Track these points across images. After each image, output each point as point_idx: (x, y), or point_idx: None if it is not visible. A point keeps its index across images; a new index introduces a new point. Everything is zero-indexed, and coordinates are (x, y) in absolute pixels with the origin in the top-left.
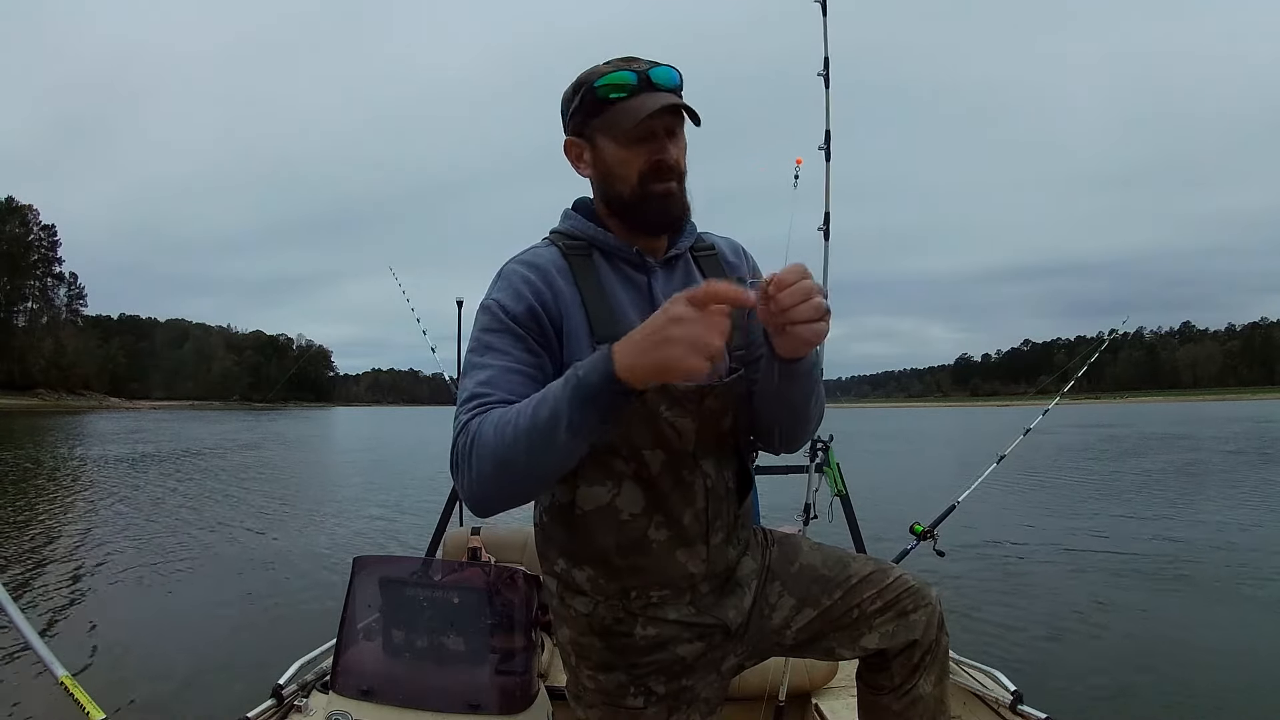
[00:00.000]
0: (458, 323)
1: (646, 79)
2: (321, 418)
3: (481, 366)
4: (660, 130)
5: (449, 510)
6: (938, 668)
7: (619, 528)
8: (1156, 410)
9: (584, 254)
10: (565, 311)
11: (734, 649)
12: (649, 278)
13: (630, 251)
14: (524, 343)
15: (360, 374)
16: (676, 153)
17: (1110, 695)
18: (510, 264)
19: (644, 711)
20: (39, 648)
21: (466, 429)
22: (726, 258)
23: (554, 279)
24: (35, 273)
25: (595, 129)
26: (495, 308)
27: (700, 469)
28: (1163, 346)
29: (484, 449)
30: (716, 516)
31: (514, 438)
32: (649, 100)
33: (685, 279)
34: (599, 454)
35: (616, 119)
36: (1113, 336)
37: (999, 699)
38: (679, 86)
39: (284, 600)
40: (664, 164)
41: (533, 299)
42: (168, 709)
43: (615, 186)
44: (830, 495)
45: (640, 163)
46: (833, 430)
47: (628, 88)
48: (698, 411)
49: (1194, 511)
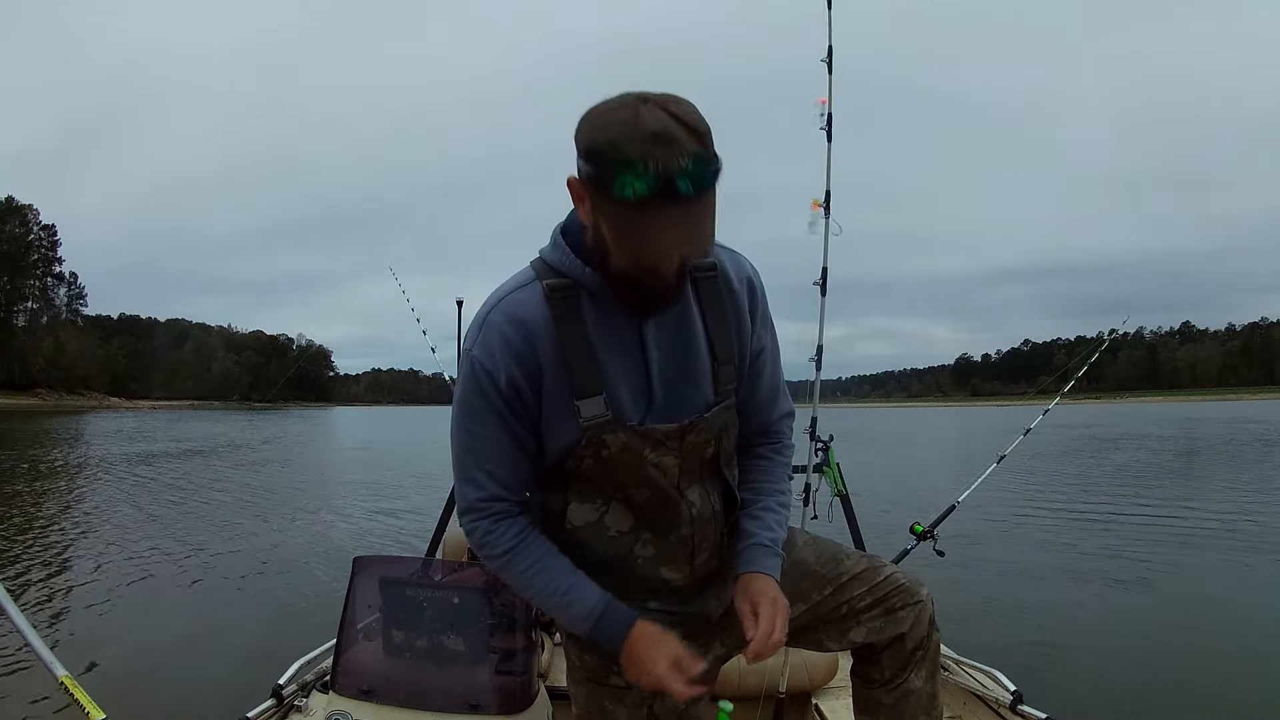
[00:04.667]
0: (458, 323)
1: (669, 185)
2: (321, 417)
3: (470, 434)
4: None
5: (449, 510)
6: (929, 664)
7: (606, 543)
8: (1157, 410)
9: (571, 298)
10: (545, 368)
11: (720, 637)
12: (639, 322)
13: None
14: (502, 418)
15: (360, 374)
16: (686, 253)
17: (1110, 695)
18: (494, 312)
19: (627, 691)
20: (39, 648)
21: (485, 542)
22: (730, 283)
23: (536, 336)
24: (35, 273)
25: (600, 202)
26: (478, 370)
27: (685, 498)
28: (1163, 346)
29: (505, 575)
30: (703, 539)
31: (529, 592)
32: (662, 220)
33: (681, 316)
34: (587, 479)
35: (623, 220)
36: (1113, 336)
37: (999, 699)
38: (709, 186)
39: (284, 600)
40: (658, 274)
41: (512, 365)
42: (168, 709)
43: (609, 255)
44: (830, 495)
45: (639, 256)
46: (833, 430)
47: (640, 192)
48: (680, 448)
49: (1194, 511)
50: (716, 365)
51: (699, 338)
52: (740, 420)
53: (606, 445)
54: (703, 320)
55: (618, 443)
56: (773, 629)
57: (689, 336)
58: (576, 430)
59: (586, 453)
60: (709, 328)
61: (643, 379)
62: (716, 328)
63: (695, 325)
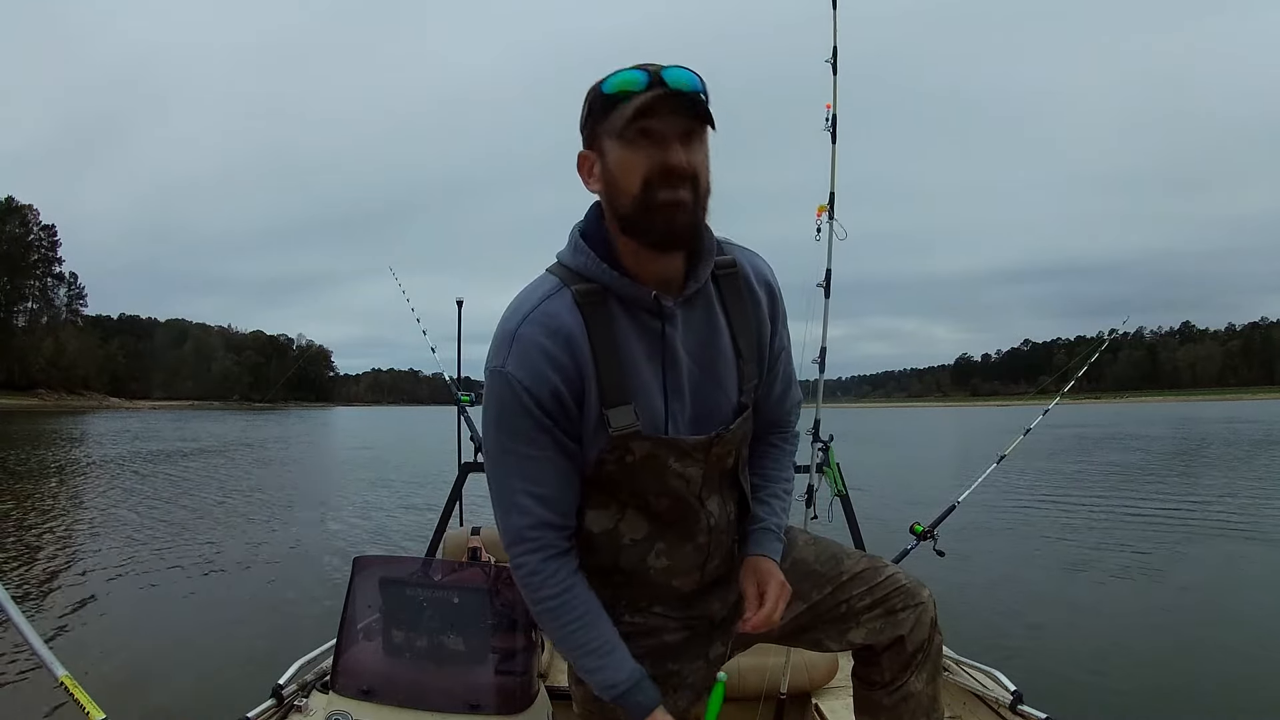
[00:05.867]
0: (458, 323)
1: (659, 78)
2: (321, 417)
3: (516, 456)
4: (671, 133)
5: (449, 510)
6: (930, 666)
7: (620, 551)
8: (1157, 410)
9: (599, 303)
10: (584, 376)
11: (721, 637)
12: (665, 324)
13: (648, 299)
14: (550, 434)
15: (360, 374)
16: (689, 158)
17: (1110, 695)
18: (526, 325)
19: None
20: (39, 648)
21: (533, 583)
22: (749, 281)
23: (575, 345)
24: (35, 273)
25: (602, 134)
26: (519, 388)
27: (705, 508)
28: (1163, 346)
29: (545, 619)
30: (716, 548)
31: (564, 643)
32: (657, 128)
33: (707, 315)
34: (605, 488)
35: (622, 116)
36: (1113, 336)
37: (999, 699)
38: (699, 91)
39: (284, 600)
40: (672, 168)
41: (555, 378)
42: (168, 709)
43: (619, 198)
44: (830, 495)
45: (645, 166)
46: (833, 430)
47: (637, 86)
48: (705, 459)
49: (1195, 511)
50: (741, 362)
51: (724, 336)
52: (755, 415)
53: (632, 452)
54: (725, 316)
55: (643, 450)
56: (775, 610)
57: (715, 336)
58: (606, 439)
59: (610, 459)
60: (732, 324)
61: (673, 384)
62: (739, 323)
63: (720, 323)
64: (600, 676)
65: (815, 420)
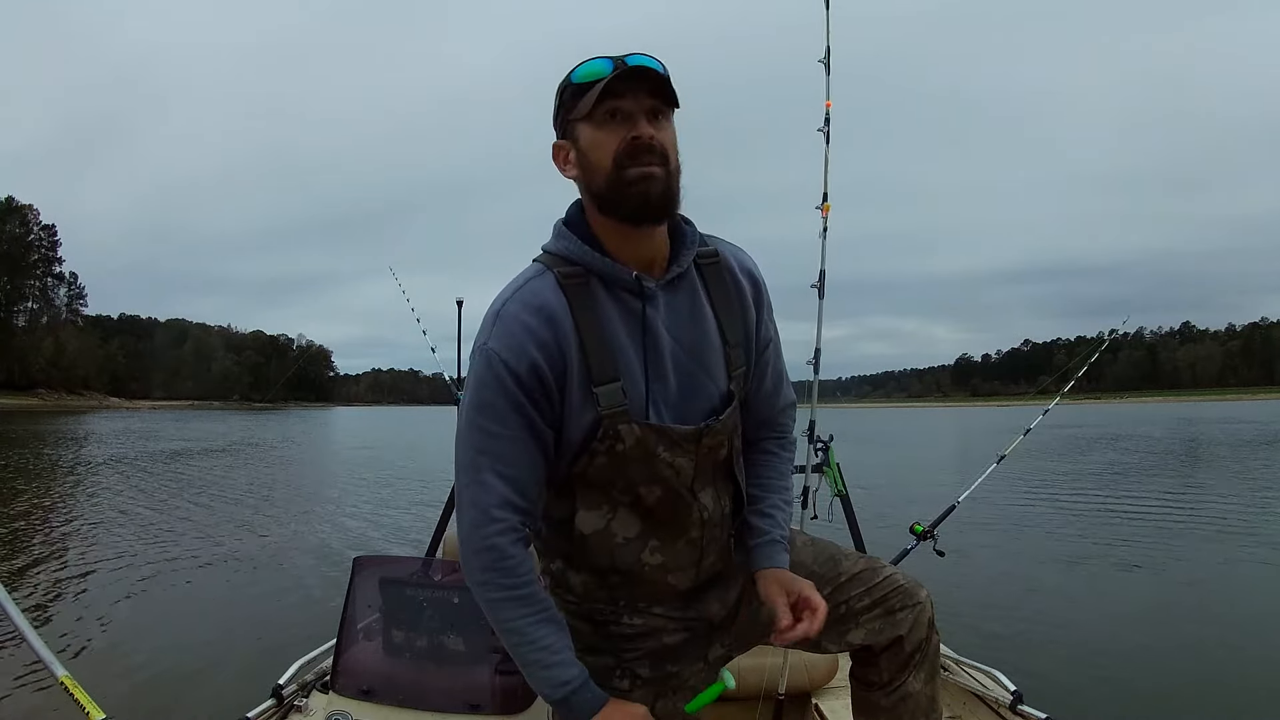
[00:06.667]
0: (458, 323)
1: (622, 63)
2: (321, 417)
3: (485, 434)
4: (638, 111)
5: (449, 510)
6: (928, 666)
7: (614, 550)
8: (1157, 411)
9: (581, 283)
10: (567, 355)
11: (720, 639)
12: (645, 304)
13: (629, 279)
14: (522, 413)
15: (360, 374)
16: (657, 133)
17: (1110, 695)
18: (510, 304)
19: (630, 694)
20: (39, 648)
21: (502, 567)
22: (732, 271)
23: (558, 323)
24: (35, 273)
25: (574, 121)
26: (496, 361)
27: (698, 501)
28: (1163, 346)
29: (501, 607)
30: (711, 542)
31: (517, 636)
32: (624, 106)
33: (691, 300)
34: (596, 484)
35: (590, 98)
36: (1113, 336)
37: (999, 699)
38: (660, 72)
39: (284, 600)
40: (640, 142)
41: (536, 353)
42: (168, 709)
43: (593, 176)
44: (830, 495)
45: (615, 142)
46: (832, 430)
47: (604, 72)
48: (696, 450)
49: (1195, 510)
50: (728, 348)
51: (709, 320)
52: (745, 412)
53: (621, 439)
54: (710, 304)
55: (632, 436)
56: (811, 628)
57: (699, 320)
58: (595, 420)
59: (601, 448)
60: (717, 310)
61: (654, 365)
62: (724, 310)
63: (704, 309)
64: (554, 673)
65: (810, 421)
